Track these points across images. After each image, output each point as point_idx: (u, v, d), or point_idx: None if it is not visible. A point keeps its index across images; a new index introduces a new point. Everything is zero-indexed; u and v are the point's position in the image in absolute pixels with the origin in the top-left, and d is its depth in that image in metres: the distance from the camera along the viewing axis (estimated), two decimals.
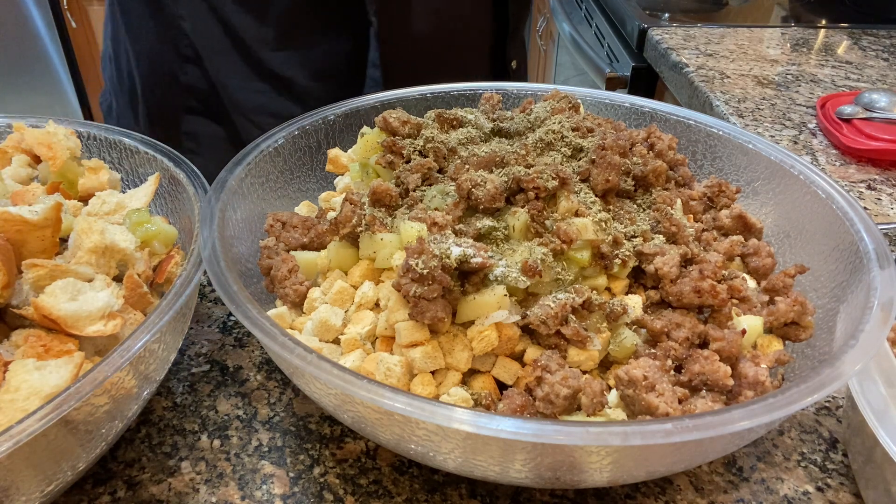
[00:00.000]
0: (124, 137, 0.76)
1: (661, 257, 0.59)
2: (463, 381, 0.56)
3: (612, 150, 0.64)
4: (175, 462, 0.61)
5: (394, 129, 0.72)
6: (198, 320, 0.77)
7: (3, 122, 0.80)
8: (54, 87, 3.16)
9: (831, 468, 0.62)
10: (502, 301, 0.54)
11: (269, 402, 0.67)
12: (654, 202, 0.67)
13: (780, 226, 0.73)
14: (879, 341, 0.49)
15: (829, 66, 1.52)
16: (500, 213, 0.61)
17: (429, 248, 0.53)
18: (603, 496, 0.59)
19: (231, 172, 0.68)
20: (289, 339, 0.48)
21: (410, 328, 0.54)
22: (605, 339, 0.56)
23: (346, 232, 0.62)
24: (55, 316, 0.51)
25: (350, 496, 0.58)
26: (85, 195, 0.71)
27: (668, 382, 0.51)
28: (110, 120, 1.19)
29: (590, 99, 0.86)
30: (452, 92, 0.87)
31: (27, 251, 0.57)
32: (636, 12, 1.76)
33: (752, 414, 0.43)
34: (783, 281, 0.62)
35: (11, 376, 0.48)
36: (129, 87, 1.11)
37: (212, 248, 0.57)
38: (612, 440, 0.42)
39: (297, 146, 0.77)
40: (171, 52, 1.03)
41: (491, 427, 0.42)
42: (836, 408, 0.68)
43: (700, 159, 0.81)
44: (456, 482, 0.60)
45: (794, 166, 0.71)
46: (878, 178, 1.10)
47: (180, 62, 1.04)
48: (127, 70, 1.10)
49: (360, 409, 0.50)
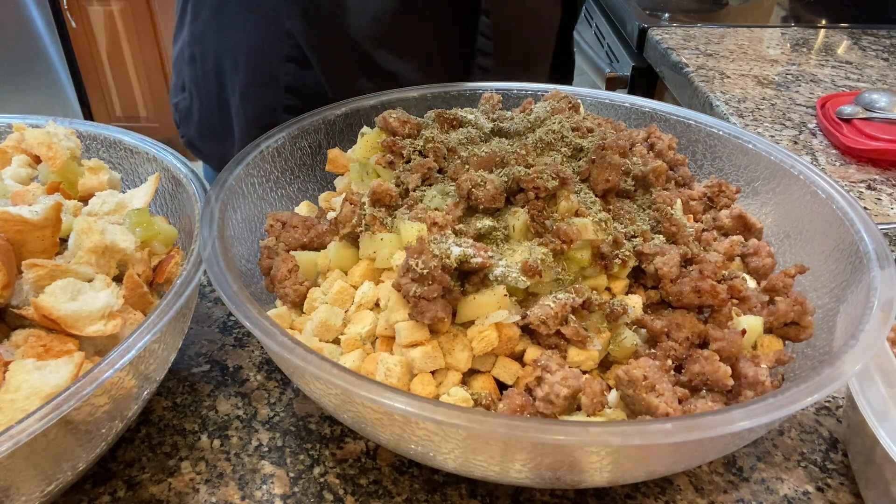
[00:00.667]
0: (124, 137, 0.76)
1: (661, 257, 0.59)
2: (463, 381, 0.56)
3: (612, 150, 0.64)
4: (175, 462, 0.61)
5: (394, 129, 0.72)
6: (198, 320, 0.77)
7: (3, 122, 0.80)
8: (54, 87, 3.16)
9: (831, 468, 0.62)
10: (502, 301, 0.54)
11: (269, 402, 0.67)
12: (654, 202, 0.67)
13: (780, 226, 0.73)
14: (879, 341, 0.49)
15: (829, 66, 1.52)
16: (500, 213, 0.61)
17: (429, 248, 0.53)
18: (603, 496, 0.59)
19: (231, 172, 0.68)
20: (289, 339, 0.48)
21: (410, 328, 0.54)
22: (605, 339, 0.56)
23: (346, 232, 0.62)
24: (55, 316, 0.51)
25: (350, 496, 0.58)
26: (85, 195, 0.71)
27: (668, 382, 0.51)
28: (188, 122, 1.17)
29: (590, 99, 0.86)
30: (452, 92, 0.87)
31: (27, 251, 0.57)
32: (636, 12, 1.76)
33: (752, 414, 0.43)
34: (783, 281, 0.62)
35: (11, 376, 0.48)
36: (217, 87, 1.09)
37: (212, 248, 0.57)
38: (612, 440, 0.42)
39: (297, 146, 0.77)
40: (272, 52, 1.02)
41: (491, 427, 0.42)
42: (836, 408, 0.68)
43: (700, 159, 0.81)
44: (456, 482, 0.60)
45: (794, 166, 0.71)
46: (878, 178, 1.10)
47: (282, 62, 1.02)
48: (214, 70, 1.08)
49: (360, 409, 0.50)
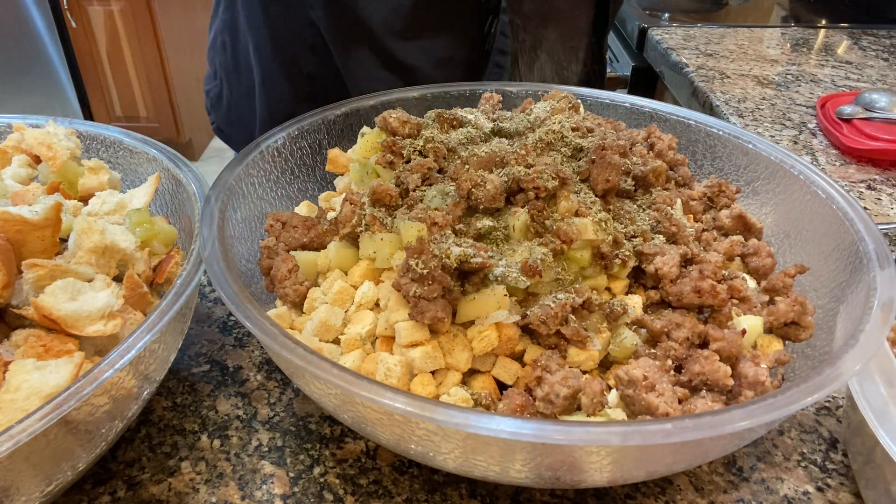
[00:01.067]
0: (124, 137, 0.76)
1: (661, 257, 0.59)
2: (463, 381, 0.56)
3: (611, 150, 0.64)
4: (175, 462, 0.61)
5: (394, 129, 0.72)
6: (198, 320, 0.77)
7: (3, 122, 0.80)
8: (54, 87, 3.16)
9: (831, 468, 0.62)
10: (502, 301, 0.54)
11: (269, 402, 0.67)
12: (654, 202, 0.67)
13: (780, 226, 0.73)
14: (879, 341, 0.49)
15: (829, 66, 1.52)
16: (500, 213, 0.61)
17: (429, 248, 0.53)
18: (603, 496, 0.59)
19: (231, 172, 0.68)
20: (289, 339, 0.48)
21: (410, 328, 0.54)
22: (605, 339, 0.56)
23: (346, 232, 0.62)
24: (55, 316, 0.51)
25: (350, 496, 0.58)
26: (85, 195, 0.71)
27: (668, 382, 0.51)
28: (219, 108, 1.18)
29: (590, 99, 0.86)
30: (452, 92, 0.87)
31: (27, 251, 0.57)
32: (636, 12, 1.76)
33: (752, 414, 0.43)
34: (783, 281, 0.62)
35: (11, 376, 0.48)
36: (245, 74, 1.10)
37: (212, 248, 0.57)
38: (612, 440, 0.42)
39: (297, 146, 0.77)
40: (295, 41, 1.03)
41: (490, 427, 0.42)
42: (836, 408, 0.68)
43: (700, 159, 0.81)
44: (456, 482, 0.60)
45: (794, 166, 0.71)
46: (878, 178, 1.10)
47: (304, 50, 1.04)
48: (243, 57, 1.09)
49: (360, 409, 0.50)
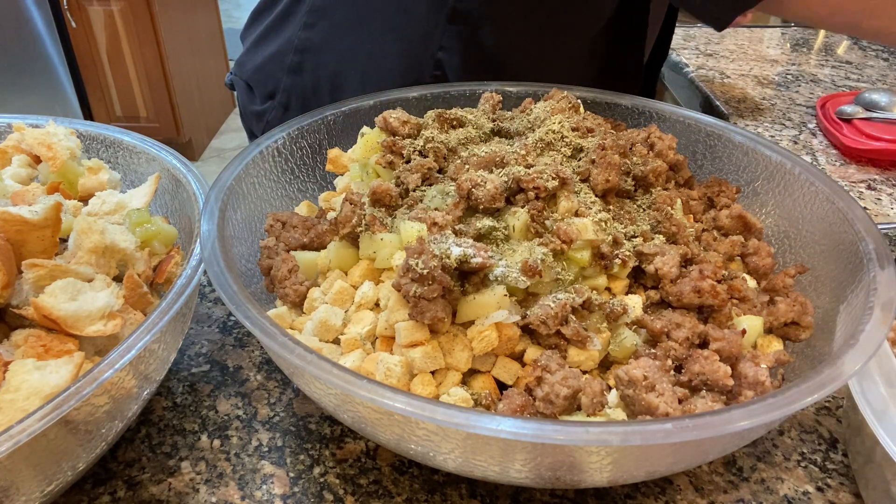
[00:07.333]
0: (124, 137, 0.76)
1: (661, 257, 0.59)
2: (463, 381, 0.56)
3: (612, 150, 0.64)
4: (175, 462, 0.61)
5: (394, 129, 0.72)
6: (198, 320, 0.77)
7: (3, 122, 0.80)
8: (54, 87, 3.16)
9: (831, 468, 0.62)
10: (502, 301, 0.54)
11: (269, 402, 0.67)
12: (654, 202, 0.67)
13: (780, 226, 0.73)
14: (879, 341, 0.49)
15: (829, 66, 1.52)
16: (500, 213, 0.61)
17: (429, 248, 0.53)
18: (603, 496, 0.59)
19: (231, 172, 0.68)
20: (289, 339, 0.48)
21: (410, 328, 0.54)
22: (605, 339, 0.56)
23: (346, 232, 0.62)
24: (55, 316, 0.51)
25: (350, 496, 0.58)
26: (85, 195, 0.71)
27: (668, 382, 0.51)
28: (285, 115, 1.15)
29: (590, 99, 0.86)
30: (452, 92, 0.87)
31: (27, 251, 0.57)
32: None
33: (752, 414, 0.43)
34: (783, 281, 0.62)
35: (11, 376, 0.48)
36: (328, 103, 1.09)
37: (212, 248, 0.57)
38: (612, 440, 0.42)
39: (297, 146, 0.77)
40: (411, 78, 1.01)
41: (491, 427, 0.42)
42: (836, 408, 0.68)
43: (700, 159, 0.81)
44: (456, 482, 0.60)
45: (794, 166, 0.71)
46: (878, 178, 1.10)
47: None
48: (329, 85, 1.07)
49: (360, 409, 0.50)
